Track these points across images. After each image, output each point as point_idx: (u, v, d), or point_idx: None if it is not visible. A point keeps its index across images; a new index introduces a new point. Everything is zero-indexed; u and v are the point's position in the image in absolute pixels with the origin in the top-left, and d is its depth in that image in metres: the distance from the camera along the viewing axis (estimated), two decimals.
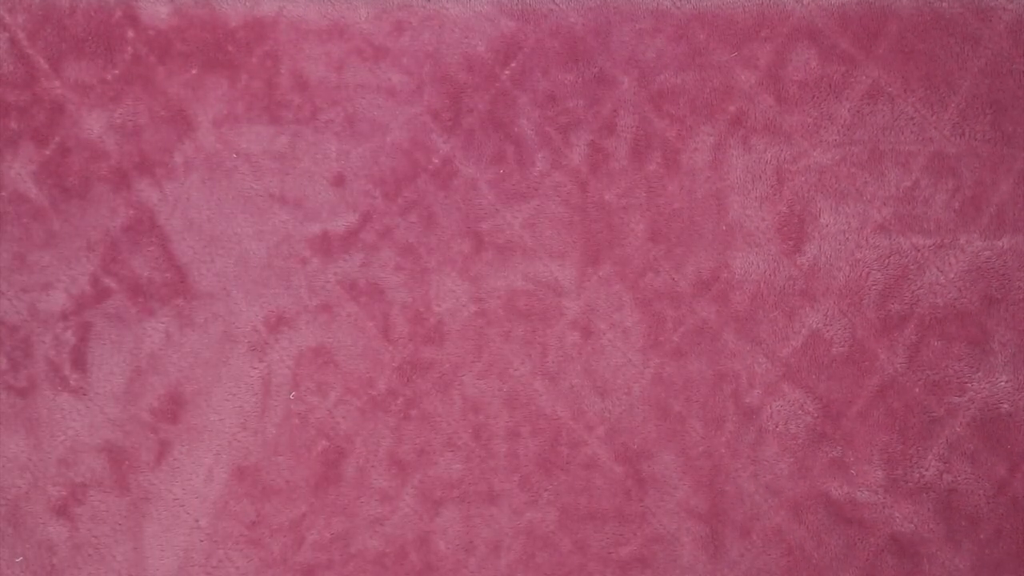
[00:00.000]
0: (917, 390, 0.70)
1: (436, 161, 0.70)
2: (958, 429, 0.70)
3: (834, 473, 0.70)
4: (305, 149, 0.70)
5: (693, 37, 0.70)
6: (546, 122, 0.70)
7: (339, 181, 0.70)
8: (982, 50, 0.70)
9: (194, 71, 0.70)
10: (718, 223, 0.70)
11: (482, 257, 0.70)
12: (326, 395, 0.70)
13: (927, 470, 0.70)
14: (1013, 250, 0.70)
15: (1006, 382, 0.70)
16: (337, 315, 0.70)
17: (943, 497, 0.70)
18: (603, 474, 0.69)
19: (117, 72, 0.70)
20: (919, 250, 0.70)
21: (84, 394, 0.69)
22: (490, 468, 0.70)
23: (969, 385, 0.70)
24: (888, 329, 0.70)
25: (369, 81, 0.70)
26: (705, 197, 0.70)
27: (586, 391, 0.70)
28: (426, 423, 0.70)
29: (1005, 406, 0.70)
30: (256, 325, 0.70)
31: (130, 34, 0.70)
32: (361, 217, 0.70)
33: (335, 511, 0.69)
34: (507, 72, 0.70)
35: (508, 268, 0.70)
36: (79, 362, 0.69)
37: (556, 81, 0.70)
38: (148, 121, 0.70)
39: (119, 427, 0.69)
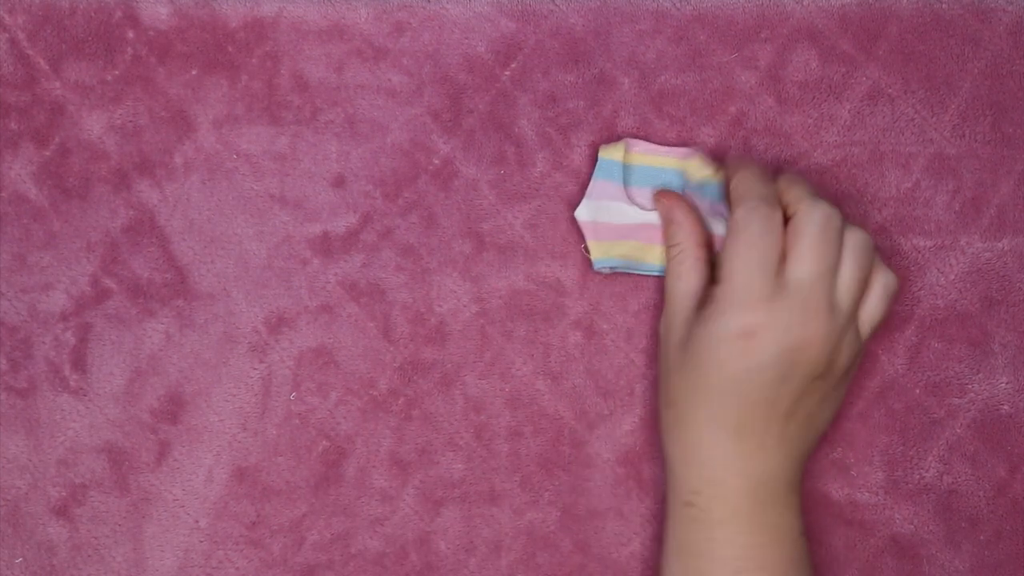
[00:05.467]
0: (917, 391, 0.70)
1: (436, 162, 0.70)
2: (958, 430, 0.70)
3: (835, 474, 0.70)
4: (305, 150, 0.70)
5: (693, 38, 0.71)
6: (547, 123, 0.70)
7: (339, 182, 0.70)
8: (982, 51, 0.71)
9: (194, 72, 0.70)
10: None
11: (483, 257, 0.70)
12: (327, 395, 0.70)
13: (927, 471, 0.70)
14: (1013, 251, 0.70)
15: (1006, 384, 0.70)
16: (338, 316, 0.70)
17: (943, 498, 0.70)
18: (605, 474, 0.69)
19: (117, 73, 0.70)
20: (919, 251, 0.70)
21: (84, 395, 0.69)
22: (491, 468, 0.70)
23: (969, 386, 0.70)
24: (888, 330, 0.70)
25: (369, 82, 0.70)
26: None
27: (588, 391, 0.70)
28: (427, 423, 0.70)
29: (1005, 407, 0.70)
30: (256, 326, 0.70)
31: (130, 35, 0.70)
32: (361, 218, 0.70)
33: (335, 511, 0.69)
34: (507, 73, 0.70)
35: (510, 268, 0.70)
36: (79, 363, 0.69)
37: (556, 82, 0.70)
38: (148, 122, 0.70)
39: (119, 428, 0.69)
